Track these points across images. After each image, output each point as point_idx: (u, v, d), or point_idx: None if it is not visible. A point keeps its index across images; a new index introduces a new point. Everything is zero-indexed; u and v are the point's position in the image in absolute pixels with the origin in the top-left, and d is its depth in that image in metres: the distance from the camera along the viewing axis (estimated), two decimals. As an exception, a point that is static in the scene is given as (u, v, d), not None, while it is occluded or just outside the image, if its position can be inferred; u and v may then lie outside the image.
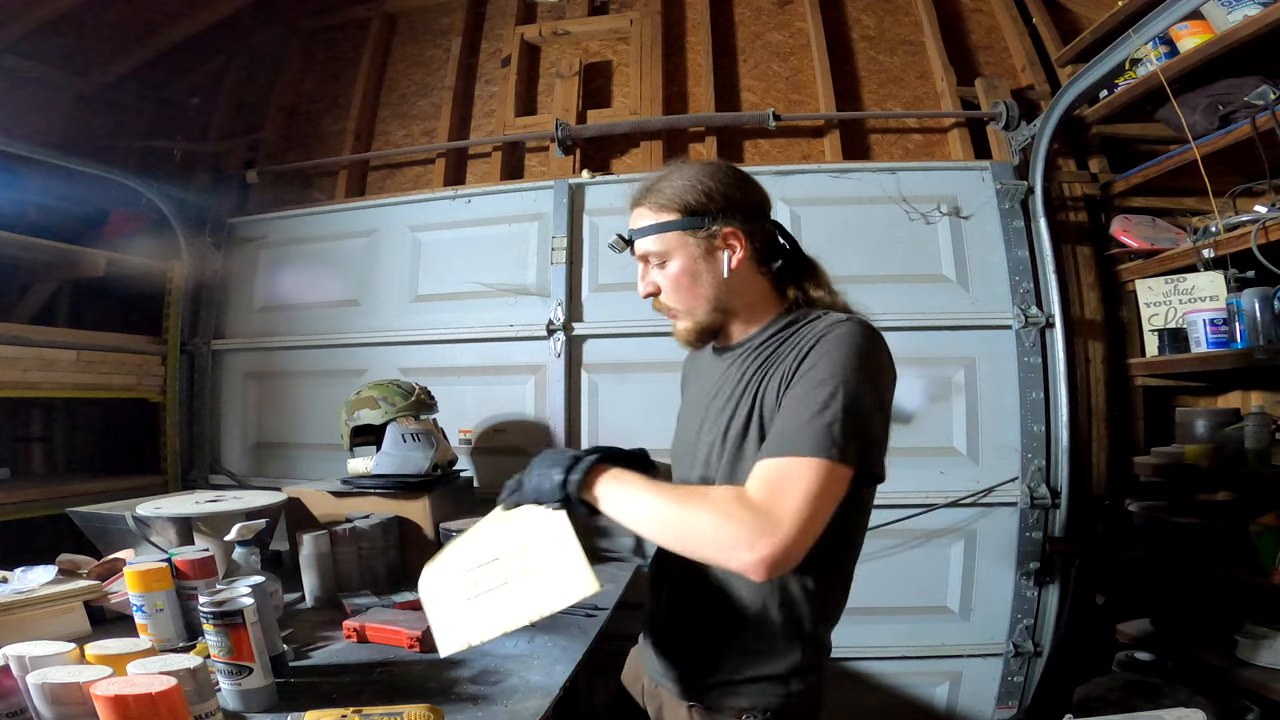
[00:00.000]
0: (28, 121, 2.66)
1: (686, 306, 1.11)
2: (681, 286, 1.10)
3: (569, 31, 2.82)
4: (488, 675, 1.25)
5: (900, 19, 2.71)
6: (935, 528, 2.24)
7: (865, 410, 0.93)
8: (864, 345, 0.97)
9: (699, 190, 1.08)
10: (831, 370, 0.94)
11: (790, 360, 1.00)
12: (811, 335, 1.01)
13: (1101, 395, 2.28)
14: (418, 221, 2.63)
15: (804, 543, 0.87)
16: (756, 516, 0.86)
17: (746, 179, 1.13)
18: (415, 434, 2.00)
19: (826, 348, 0.97)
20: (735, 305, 1.12)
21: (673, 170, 1.12)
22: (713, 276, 1.09)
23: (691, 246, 1.08)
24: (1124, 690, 1.87)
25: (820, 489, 0.88)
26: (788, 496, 0.87)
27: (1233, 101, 1.90)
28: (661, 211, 1.09)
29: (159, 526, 1.68)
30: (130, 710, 0.84)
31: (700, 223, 1.07)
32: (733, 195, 1.09)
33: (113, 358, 2.54)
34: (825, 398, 0.92)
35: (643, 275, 1.14)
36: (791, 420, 0.93)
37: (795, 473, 0.89)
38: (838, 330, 0.99)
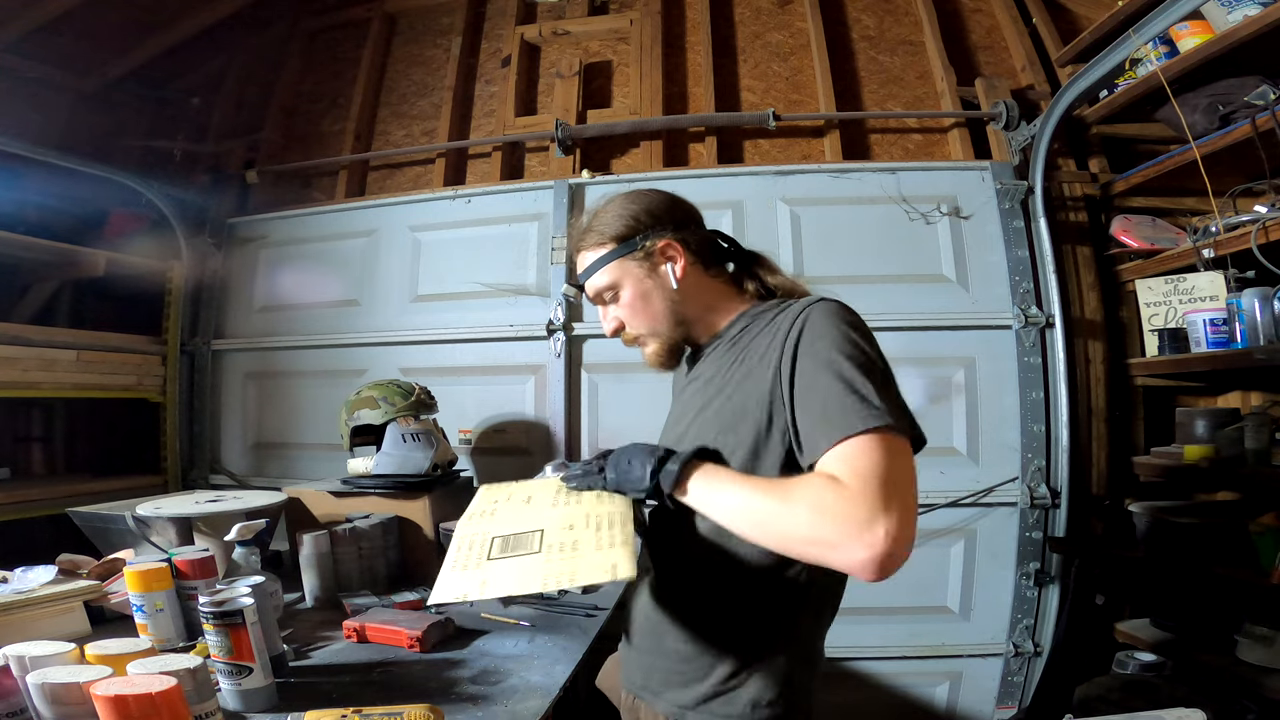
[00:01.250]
0: (28, 121, 2.66)
1: (649, 328, 1.12)
2: (637, 310, 1.11)
3: (569, 31, 2.82)
4: (488, 675, 1.25)
5: (900, 19, 2.71)
6: (935, 528, 2.24)
7: (887, 376, 0.91)
8: (851, 319, 0.97)
9: (625, 217, 1.11)
10: (834, 351, 0.91)
11: (775, 345, 0.97)
12: (790, 319, 0.98)
13: (1101, 395, 2.28)
14: (418, 221, 2.63)
15: (907, 523, 0.79)
16: (854, 507, 0.79)
17: (671, 196, 1.16)
18: (415, 434, 2.00)
19: (818, 329, 0.94)
20: (693, 313, 1.12)
21: (598, 210, 1.15)
22: (663, 291, 1.10)
23: (634, 269, 1.10)
24: (1124, 690, 1.87)
25: (897, 465, 0.83)
26: (876, 480, 0.80)
27: (1233, 101, 1.90)
28: (598, 248, 1.12)
29: (159, 526, 1.68)
30: (130, 710, 0.84)
31: (633, 244, 1.09)
32: (657, 212, 1.12)
33: (113, 358, 2.54)
34: (846, 376, 0.88)
35: (603, 315, 1.15)
36: (824, 408, 0.88)
37: (868, 453, 0.83)
38: (820, 309, 0.97)
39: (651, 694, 1.07)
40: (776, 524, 0.85)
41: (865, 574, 0.80)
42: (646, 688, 1.08)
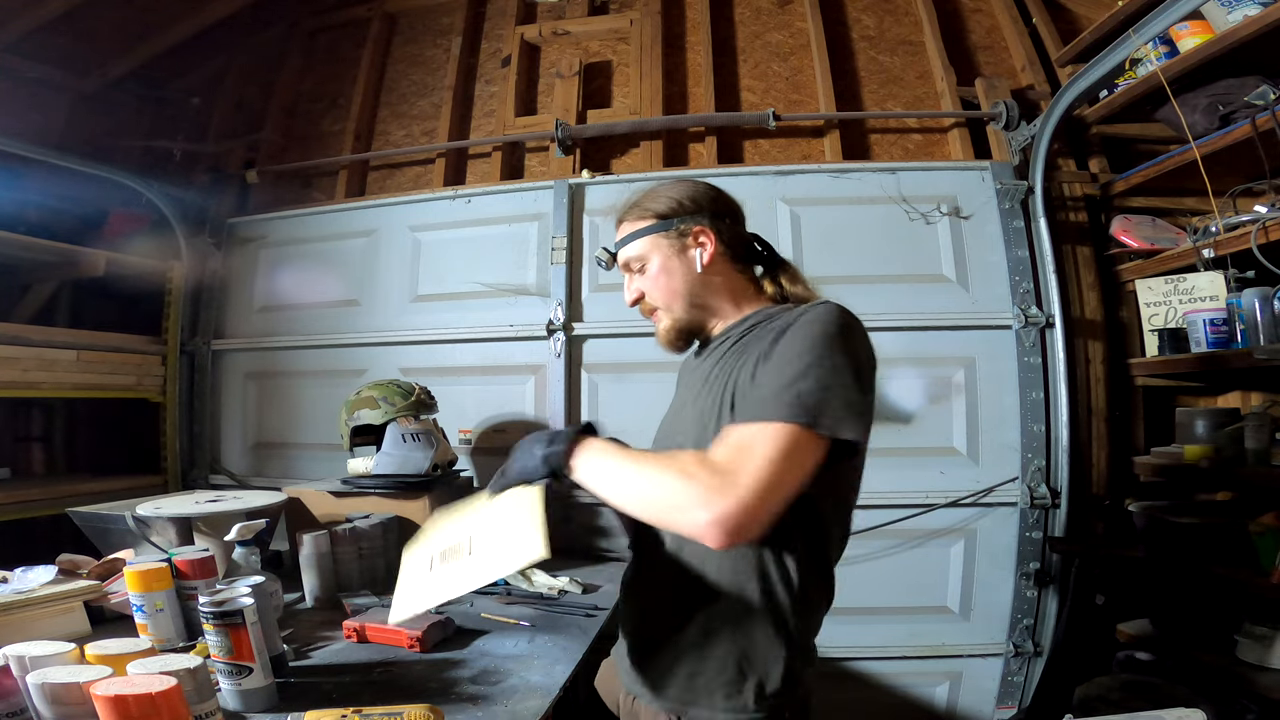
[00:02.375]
0: (28, 121, 2.66)
1: (665, 303, 1.17)
2: (659, 284, 1.16)
3: (569, 31, 2.82)
4: (488, 675, 1.26)
5: (900, 19, 2.71)
6: (935, 528, 2.24)
7: (839, 379, 0.92)
8: (839, 322, 0.98)
9: (669, 199, 1.17)
10: (806, 343, 0.95)
11: (766, 342, 1.01)
12: (787, 319, 1.02)
13: (1101, 395, 2.28)
14: (418, 221, 2.63)
15: (764, 506, 0.84)
16: (714, 477, 0.85)
17: (718, 190, 1.21)
18: (415, 434, 2.00)
19: (801, 326, 0.98)
20: (712, 301, 1.16)
21: (650, 189, 1.22)
22: (687, 272, 1.15)
23: (665, 246, 1.16)
24: (1124, 690, 1.87)
25: (785, 453, 0.86)
26: (749, 458, 0.86)
27: (1233, 101, 1.90)
28: (639, 221, 1.18)
29: (159, 526, 1.68)
30: (130, 710, 0.84)
31: (671, 224, 1.16)
32: (700, 200, 1.18)
33: (113, 358, 2.54)
34: (800, 368, 0.92)
35: (628, 284, 1.21)
36: (763, 390, 0.94)
37: (760, 437, 0.88)
38: (814, 310, 1.01)
39: (649, 692, 1.07)
40: (645, 491, 0.92)
41: (707, 538, 0.85)
42: (644, 685, 1.09)
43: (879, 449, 2.26)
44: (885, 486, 2.25)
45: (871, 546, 2.25)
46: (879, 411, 2.47)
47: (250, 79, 3.11)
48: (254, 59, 3.12)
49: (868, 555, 2.26)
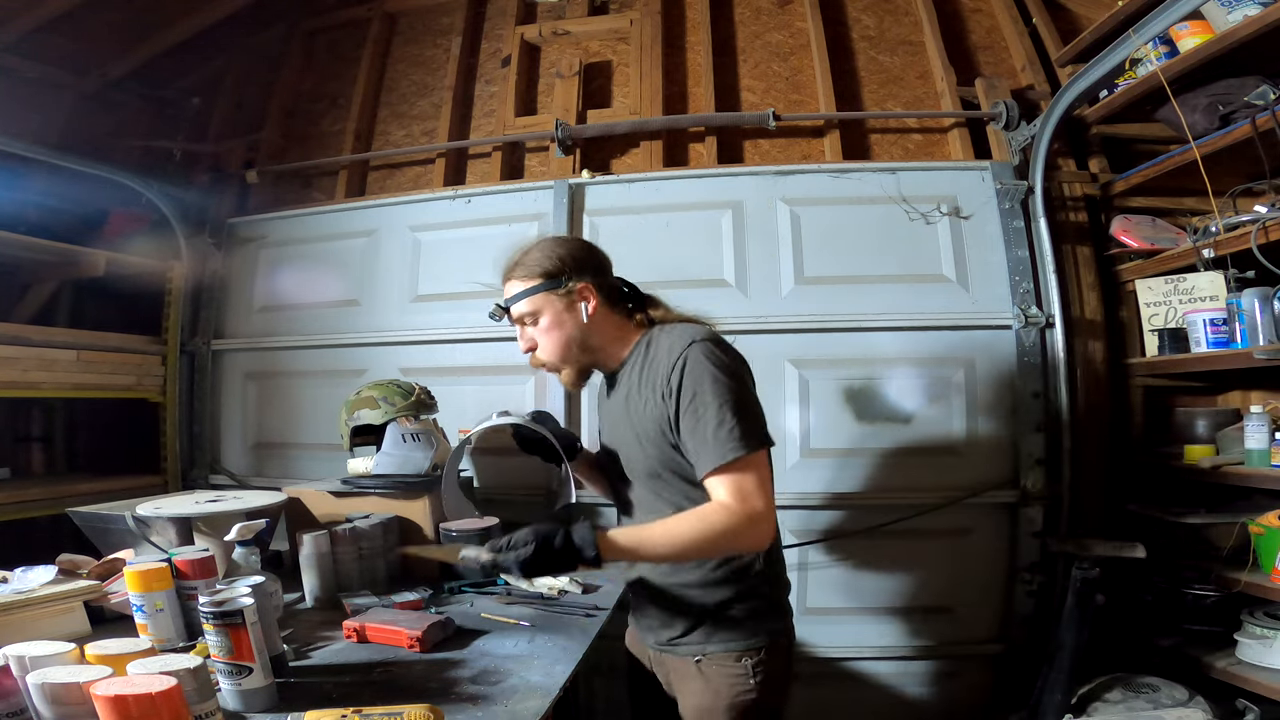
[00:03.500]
0: (28, 121, 2.66)
1: (560, 356, 1.36)
2: (552, 337, 1.35)
3: (569, 31, 2.82)
4: (488, 675, 1.25)
5: (900, 19, 2.71)
6: (935, 527, 2.24)
7: (744, 405, 1.22)
8: (714, 359, 1.24)
9: (554, 258, 1.34)
10: (706, 393, 1.21)
11: (659, 382, 1.27)
12: (666, 359, 1.27)
13: (1101, 395, 2.28)
14: (418, 221, 2.63)
15: (773, 516, 1.23)
16: (743, 518, 1.19)
17: (590, 245, 1.43)
18: (415, 434, 2.00)
19: (691, 379, 1.23)
20: (598, 343, 1.37)
21: (530, 246, 1.39)
22: (575, 324, 1.35)
23: (555, 302, 1.34)
24: (1124, 690, 1.87)
25: (760, 476, 1.20)
26: (750, 494, 1.19)
27: (1233, 101, 1.90)
28: (528, 279, 1.35)
29: (159, 526, 1.68)
30: (130, 710, 0.84)
31: (559, 283, 1.33)
32: (581, 258, 1.36)
33: (113, 358, 2.54)
34: (719, 411, 1.20)
35: (521, 334, 1.39)
36: (704, 439, 1.21)
37: (743, 477, 1.19)
38: (690, 359, 1.24)
39: (672, 646, 1.35)
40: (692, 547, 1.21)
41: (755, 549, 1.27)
42: (665, 643, 1.36)
43: (879, 449, 2.29)
44: (885, 486, 2.25)
45: (871, 546, 2.25)
46: (879, 411, 2.48)
47: (250, 79, 3.11)
48: (254, 59, 3.12)
49: (868, 555, 2.26)
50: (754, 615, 1.30)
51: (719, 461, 1.19)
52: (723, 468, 1.19)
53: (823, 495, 2.25)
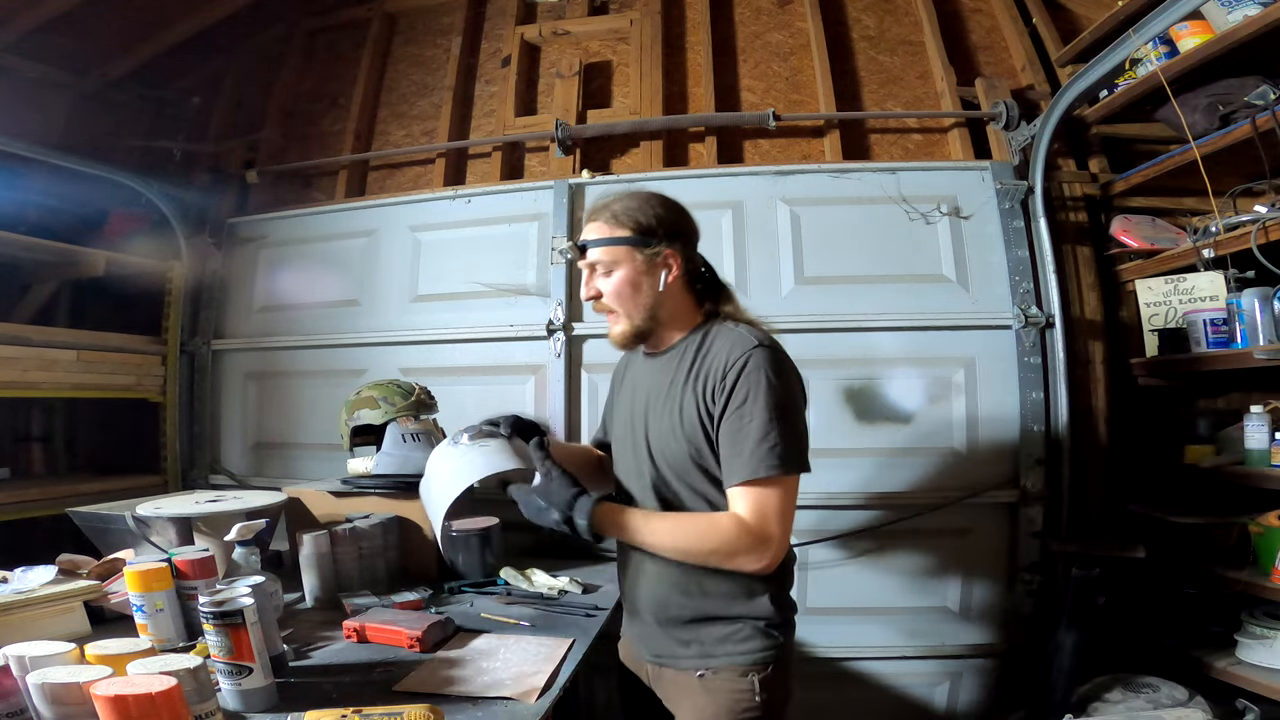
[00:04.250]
0: (28, 121, 2.66)
1: (626, 311, 1.29)
2: (624, 294, 1.28)
3: (569, 31, 2.82)
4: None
5: (900, 19, 2.71)
6: (935, 527, 2.24)
7: (791, 426, 1.17)
8: (774, 369, 1.18)
9: (651, 215, 1.27)
10: (760, 400, 1.16)
11: (712, 377, 1.21)
12: (725, 356, 1.21)
13: (1101, 395, 2.28)
14: (418, 221, 2.63)
15: (786, 543, 1.19)
16: (753, 537, 1.15)
17: (686, 211, 1.34)
18: (415, 434, 2.00)
19: (747, 383, 1.18)
20: (664, 315, 1.30)
21: (627, 194, 1.31)
22: (651, 289, 1.28)
23: (638, 260, 1.27)
24: (1124, 690, 1.87)
25: (785, 501, 1.17)
26: (770, 517, 1.15)
27: (1233, 101, 1.90)
28: (616, 227, 1.28)
29: (159, 526, 1.68)
30: (130, 710, 0.84)
31: (648, 241, 1.27)
32: (678, 223, 1.30)
33: (113, 358, 2.54)
34: (764, 423, 1.15)
35: (587, 280, 1.32)
36: (742, 448, 1.16)
37: (767, 497, 1.15)
38: (751, 362, 1.18)
39: (673, 659, 1.29)
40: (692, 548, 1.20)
41: (754, 571, 1.19)
42: (665, 655, 1.30)
43: (879, 449, 2.29)
44: (885, 486, 2.25)
45: (871, 546, 2.25)
46: (879, 411, 2.48)
47: (250, 79, 3.11)
48: (254, 59, 3.12)
49: (868, 555, 2.26)
50: (761, 631, 1.24)
51: (750, 475, 1.15)
52: (752, 482, 1.15)
53: (823, 495, 2.25)
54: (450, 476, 1.29)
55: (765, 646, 1.24)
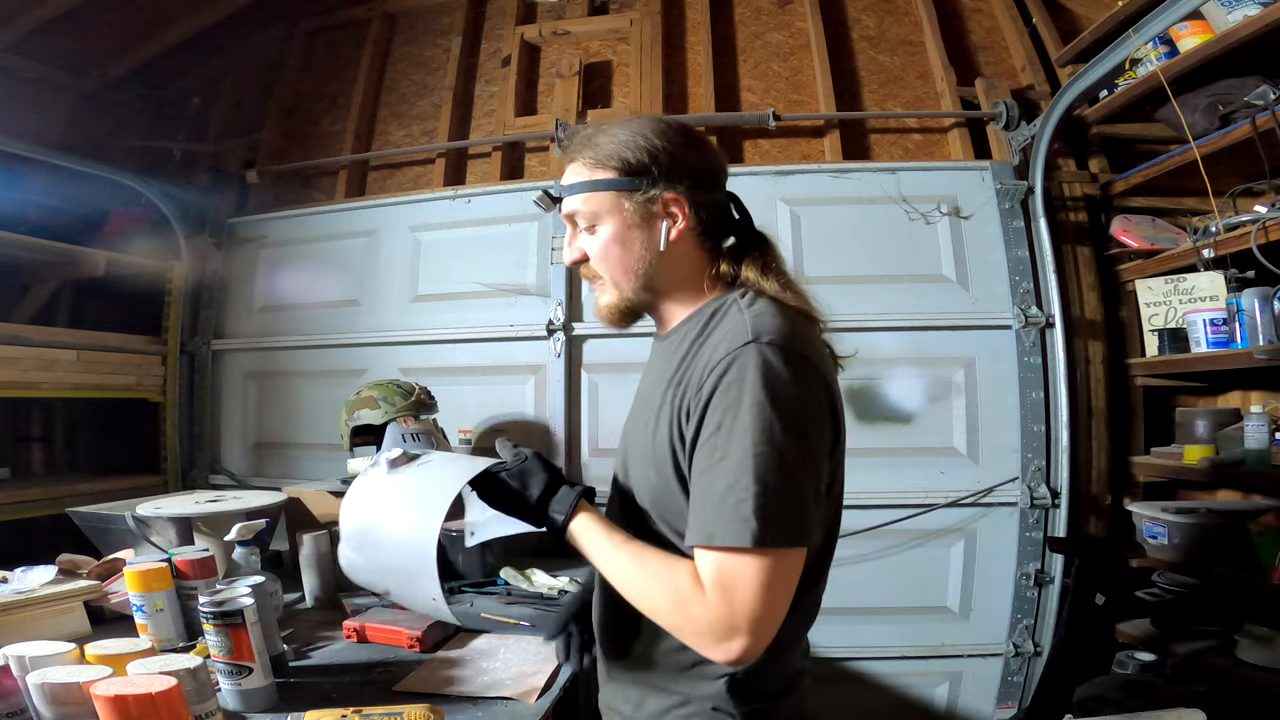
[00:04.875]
0: (28, 121, 2.66)
1: (614, 278, 0.97)
2: (610, 256, 0.96)
3: (569, 31, 2.82)
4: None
5: (900, 19, 2.71)
6: (935, 528, 2.24)
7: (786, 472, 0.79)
8: (771, 381, 0.80)
9: (642, 147, 0.93)
10: (735, 428, 0.80)
11: (691, 386, 0.87)
12: (709, 356, 0.86)
13: (1101, 395, 2.28)
14: (418, 221, 2.63)
15: (766, 636, 0.79)
16: (713, 620, 0.79)
17: (701, 140, 0.99)
18: (415, 434, 2.00)
19: (726, 399, 0.81)
20: (666, 284, 0.97)
21: (615, 123, 0.97)
22: (647, 248, 0.94)
23: (627, 211, 0.93)
24: (1124, 690, 1.87)
25: (766, 580, 0.78)
26: (739, 599, 0.78)
27: (1233, 101, 1.90)
28: (596, 168, 0.94)
29: (159, 526, 1.67)
30: (130, 710, 0.84)
31: (639, 184, 0.92)
32: (683, 157, 0.94)
33: (113, 358, 2.54)
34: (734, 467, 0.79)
35: (569, 240, 1.00)
36: (705, 496, 0.81)
37: (734, 569, 0.78)
38: (736, 367, 0.82)
39: (617, 714, 1.02)
40: (644, 601, 0.86)
41: (716, 660, 0.81)
42: (613, 708, 1.03)
43: (879, 449, 2.29)
44: (885, 486, 2.25)
45: (871, 546, 2.25)
46: (880, 412, 2.47)
47: (250, 79, 3.11)
48: (254, 59, 3.12)
49: (868, 555, 2.26)
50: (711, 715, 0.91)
51: (704, 539, 0.80)
52: (713, 548, 0.80)
53: (823, 495, 2.25)
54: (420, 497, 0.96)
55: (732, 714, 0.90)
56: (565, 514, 0.90)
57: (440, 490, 0.94)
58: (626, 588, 0.87)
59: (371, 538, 0.98)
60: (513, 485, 0.93)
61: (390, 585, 0.99)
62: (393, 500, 0.98)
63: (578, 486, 0.93)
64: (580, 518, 0.90)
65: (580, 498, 0.91)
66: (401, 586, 0.99)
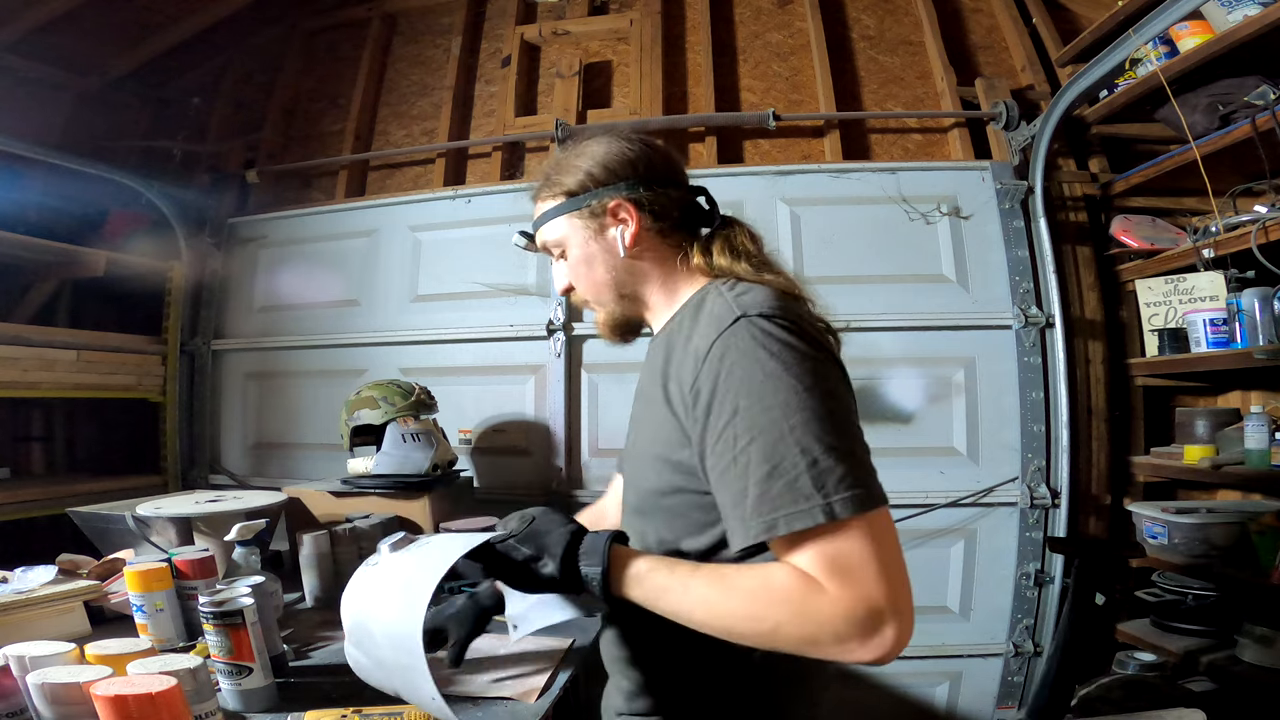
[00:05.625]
0: (28, 121, 2.66)
1: (594, 297, 1.00)
2: (583, 276, 0.99)
3: (569, 31, 2.82)
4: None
5: (900, 19, 2.71)
6: (935, 528, 2.24)
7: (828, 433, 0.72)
8: (770, 350, 0.75)
9: (575, 166, 0.97)
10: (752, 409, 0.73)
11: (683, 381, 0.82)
12: (694, 346, 0.82)
13: (1101, 395, 2.28)
14: (418, 221, 2.63)
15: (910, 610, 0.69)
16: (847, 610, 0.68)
17: (645, 144, 0.99)
18: (415, 434, 2.00)
19: (731, 383, 0.75)
20: (643, 288, 0.98)
21: (566, 153, 1.01)
22: (609, 259, 0.96)
23: (581, 229, 0.97)
24: (1124, 690, 1.87)
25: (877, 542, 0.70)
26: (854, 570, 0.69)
27: (1233, 101, 1.90)
28: (550, 199, 0.99)
29: (159, 526, 1.68)
30: (130, 710, 0.84)
31: (581, 202, 0.96)
32: (614, 165, 0.96)
33: (113, 358, 2.54)
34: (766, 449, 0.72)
35: (555, 271, 1.05)
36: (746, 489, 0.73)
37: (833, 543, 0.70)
38: (731, 349, 0.77)
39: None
40: (755, 626, 0.72)
41: (871, 664, 0.72)
42: (622, 713, 1.00)
43: (879, 449, 2.27)
44: (885, 486, 2.24)
45: (871, 546, 2.25)
46: (879, 412, 2.47)
47: (250, 79, 3.11)
48: (254, 59, 3.12)
49: (868, 555, 2.26)
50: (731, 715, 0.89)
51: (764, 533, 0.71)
52: (787, 542, 0.70)
53: (823, 495, 2.25)
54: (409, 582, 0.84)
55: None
56: (601, 565, 0.78)
57: (428, 571, 0.82)
58: (721, 620, 0.74)
59: (365, 631, 0.86)
60: (524, 553, 0.82)
61: (396, 684, 0.85)
62: (384, 587, 0.86)
63: (605, 532, 0.82)
64: (627, 565, 0.78)
65: (612, 542, 0.80)
66: (404, 685, 0.84)
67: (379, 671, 0.87)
